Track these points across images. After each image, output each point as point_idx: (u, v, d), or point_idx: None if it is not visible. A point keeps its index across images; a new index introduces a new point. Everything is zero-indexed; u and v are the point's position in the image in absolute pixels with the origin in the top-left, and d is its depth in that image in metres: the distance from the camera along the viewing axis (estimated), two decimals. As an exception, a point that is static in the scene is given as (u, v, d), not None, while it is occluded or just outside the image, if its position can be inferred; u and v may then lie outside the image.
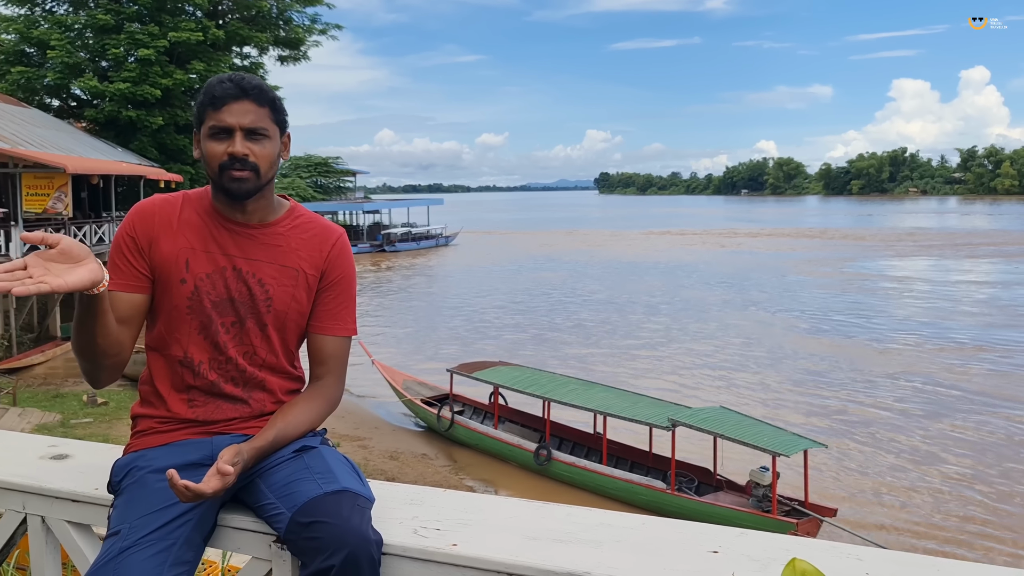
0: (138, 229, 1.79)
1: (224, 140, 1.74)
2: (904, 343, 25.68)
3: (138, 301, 1.78)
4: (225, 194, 1.77)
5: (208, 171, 1.78)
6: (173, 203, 1.83)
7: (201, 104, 1.76)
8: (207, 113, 1.74)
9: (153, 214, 1.81)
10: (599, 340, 26.98)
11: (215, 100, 1.73)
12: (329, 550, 1.52)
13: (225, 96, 1.73)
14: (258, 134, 1.75)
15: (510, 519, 1.73)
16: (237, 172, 1.73)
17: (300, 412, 1.81)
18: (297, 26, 41.58)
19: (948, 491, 14.01)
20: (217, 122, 1.73)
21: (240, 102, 1.73)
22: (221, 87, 1.73)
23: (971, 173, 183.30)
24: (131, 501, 1.66)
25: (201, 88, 1.79)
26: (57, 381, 20.47)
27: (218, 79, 1.76)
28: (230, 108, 1.73)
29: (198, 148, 1.81)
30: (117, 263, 1.79)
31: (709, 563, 1.52)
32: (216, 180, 1.77)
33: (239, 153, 1.73)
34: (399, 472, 14.34)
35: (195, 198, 1.85)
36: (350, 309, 1.91)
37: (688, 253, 58.16)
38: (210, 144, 1.75)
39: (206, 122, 1.75)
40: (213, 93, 1.73)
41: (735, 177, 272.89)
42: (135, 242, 1.79)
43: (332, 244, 1.88)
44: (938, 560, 1.53)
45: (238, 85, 1.74)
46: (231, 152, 1.73)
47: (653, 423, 13.51)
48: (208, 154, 1.75)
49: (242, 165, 1.73)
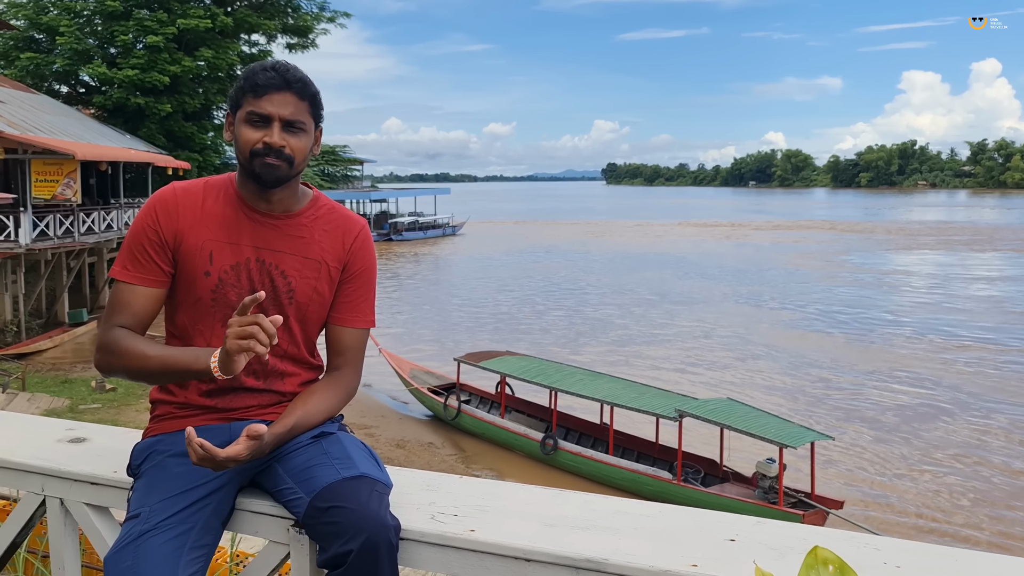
0: (162, 222, 1.77)
1: (261, 128, 1.73)
2: (912, 339, 25.63)
3: (160, 295, 1.78)
4: (255, 180, 1.76)
5: (239, 155, 1.77)
6: (195, 193, 1.80)
7: (240, 88, 1.74)
8: (246, 99, 1.73)
9: (177, 205, 1.78)
10: (604, 330, 26.98)
11: (257, 88, 1.72)
12: (348, 535, 1.52)
13: (268, 85, 1.72)
14: (295, 127, 1.75)
15: (527, 506, 1.73)
16: (272, 159, 1.73)
17: (319, 401, 1.80)
18: (305, 14, 41.54)
19: (955, 485, 14.00)
20: (257, 109, 1.72)
21: (282, 93, 1.73)
22: (265, 75, 1.72)
23: (981, 166, 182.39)
24: (151, 485, 1.67)
25: (242, 72, 1.78)
26: (65, 367, 20.58)
27: (261, 66, 1.75)
28: (271, 98, 1.72)
29: (230, 131, 1.79)
30: (138, 257, 1.76)
31: (727, 551, 1.52)
32: (246, 165, 1.75)
33: (276, 144, 1.72)
34: (406, 460, 14.39)
35: (218, 186, 1.82)
36: (369, 301, 1.90)
37: (694, 244, 58.07)
38: (246, 129, 1.74)
39: (244, 107, 1.74)
40: (256, 80, 1.72)
41: (743, 169, 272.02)
42: (159, 235, 1.76)
43: (355, 236, 1.87)
44: (956, 550, 1.53)
45: (283, 76, 1.73)
46: (268, 142, 1.72)
47: (660, 414, 13.52)
48: (242, 139, 1.74)
49: (277, 155, 1.73)
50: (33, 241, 22.85)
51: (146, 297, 1.76)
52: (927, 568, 1.46)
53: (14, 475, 1.99)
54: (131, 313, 1.76)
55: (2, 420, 2.39)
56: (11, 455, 2.00)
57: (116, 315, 1.76)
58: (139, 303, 1.76)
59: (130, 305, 1.76)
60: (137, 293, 1.76)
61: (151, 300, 1.77)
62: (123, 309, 1.76)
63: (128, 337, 1.73)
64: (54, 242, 23.71)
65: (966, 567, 1.46)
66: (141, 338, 1.74)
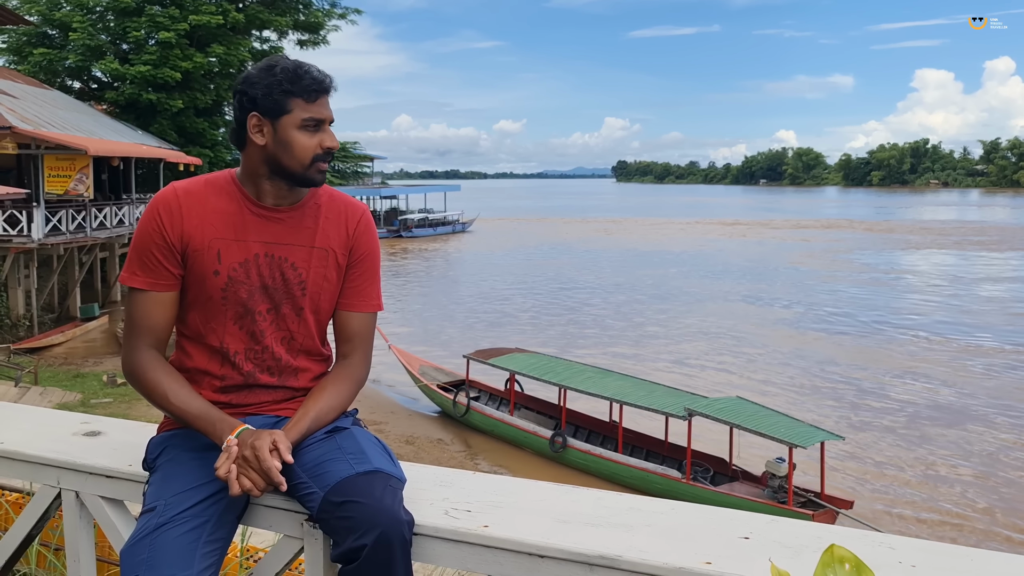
0: (167, 226, 1.76)
1: (315, 133, 1.75)
2: (923, 339, 25.52)
3: (174, 299, 1.79)
4: (306, 184, 1.79)
5: (291, 161, 1.75)
6: (197, 192, 1.79)
7: (286, 92, 1.72)
8: (295, 102, 1.73)
9: (180, 207, 1.77)
10: (614, 328, 26.96)
11: (310, 93, 1.73)
12: (361, 529, 1.53)
13: (321, 90, 1.75)
14: (332, 125, 1.80)
15: (540, 502, 1.73)
16: (325, 165, 1.78)
17: (330, 397, 1.80)
18: (317, 10, 41.59)
19: (967, 485, 13.94)
20: (314, 115, 1.74)
21: (326, 96, 1.77)
22: (313, 79, 1.74)
23: (994, 165, 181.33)
24: (167, 478, 1.68)
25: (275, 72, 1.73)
26: (77, 361, 20.69)
27: (303, 68, 1.74)
28: (322, 101, 1.76)
29: (261, 134, 1.75)
30: (147, 262, 1.76)
31: (741, 549, 1.52)
32: (301, 171, 1.76)
33: (336, 148, 1.78)
34: (415, 457, 14.41)
35: (219, 184, 1.81)
36: (375, 285, 1.91)
37: (704, 242, 57.93)
38: (301, 135, 1.74)
39: (295, 112, 1.73)
40: (308, 85, 1.73)
41: (754, 167, 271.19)
42: (165, 240, 1.75)
43: (358, 221, 1.88)
44: (971, 550, 1.52)
45: (324, 79, 1.76)
46: (328, 146, 1.76)
47: (669, 412, 13.50)
48: (300, 145, 1.74)
49: (331, 158, 1.78)
50: (46, 236, 22.97)
51: (162, 304, 1.77)
52: (942, 567, 1.45)
53: (30, 468, 2.00)
54: (150, 329, 1.77)
55: (17, 413, 2.40)
56: (27, 448, 2.02)
57: (138, 333, 1.78)
58: (156, 313, 1.77)
59: (149, 317, 1.77)
60: (152, 301, 1.76)
61: (167, 307, 1.78)
62: (143, 325, 1.77)
63: (153, 369, 1.76)
64: (66, 237, 23.83)
65: (981, 566, 1.45)
66: (167, 373, 1.76)
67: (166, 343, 1.80)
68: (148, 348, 1.77)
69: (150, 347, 1.77)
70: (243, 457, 1.61)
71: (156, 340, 1.78)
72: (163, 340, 1.80)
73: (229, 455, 1.61)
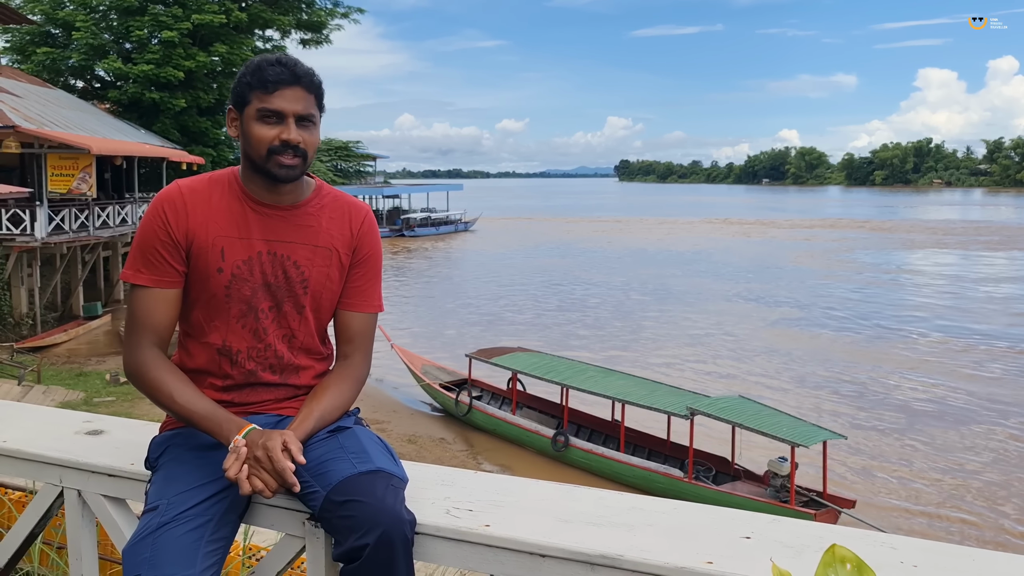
0: (172, 222, 1.75)
1: (275, 125, 1.73)
2: (927, 339, 25.49)
3: (177, 296, 1.79)
4: (270, 179, 1.76)
5: (252, 153, 1.75)
6: (200, 190, 1.79)
7: (247, 84, 1.73)
8: (255, 95, 1.73)
9: (184, 204, 1.77)
10: (616, 327, 26.95)
11: (267, 84, 1.71)
12: (363, 529, 1.53)
13: (279, 81, 1.71)
14: (308, 121, 1.75)
15: (542, 501, 1.73)
16: (288, 159, 1.73)
17: (332, 397, 1.80)
18: (319, 9, 41.63)
19: (970, 486, 13.92)
20: (269, 106, 1.72)
21: (293, 88, 1.73)
22: (274, 71, 1.72)
23: (997, 165, 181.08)
24: (169, 477, 1.68)
25: (247, 66, 1.76)
26: (80, 360, 20.71)
27: (267, 60, 1.74)
28: (283, 93, 1.72)
29: (234, 127, 1.78)
30: (151, 259, 1.76)
31: (742, 548, 1.52)
32: (261, 163, 1.75)
33: (294, 140, 1.72)
34: (417, 456, 14.42)
35: (223, 181, 1.82)
36: (376, 286, 1.91)
37: (707, 242, 57.88)
38: (258, 127, 1.73)
39: (253, 104, 1.73)
40: (265, 76, 1.71)
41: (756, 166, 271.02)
42: (170, 236, 1.75)
43: (361, 221, 1.88)
44: (973, 550, 1.52)
45: (292, 71, 1.72)
46: (285, 139, 1.72)
47: (671, 411, 13.49)
48: (255, 137, 1.73)
49: (294, 152, 1.73)
50: (49, 235, 23.01)
51: (165, 301, 1.77)
52: (944, 567, 1.45)
53: (32, 466, 2.01)
54: (153, 327, 1.76)
55: (20, 412, 2.40)
56: (29, 446, 2.02)
57: (140, 331, 1.76)
58: (160, 310, 1.76)
59: (152, 315, 1.76)
60: (155, 297, 1.76)
61: (170, 304, 1.77)
62: (145, 323, 1.76)
63: (157, 368, 1.75)
64: (69, 236, 23.87)
65: (984, 567, 1.45)
66: (170, 372, 1.75)
67: (168, 342, 1.80)
68: (151, 347, 1.76)
69: (153, 345, 1.77)
70: (255, 458, 1.60)
71: (159, 338, 1.77)
72: (166, 339, 1.79)
73: (238, 456, 1.60)
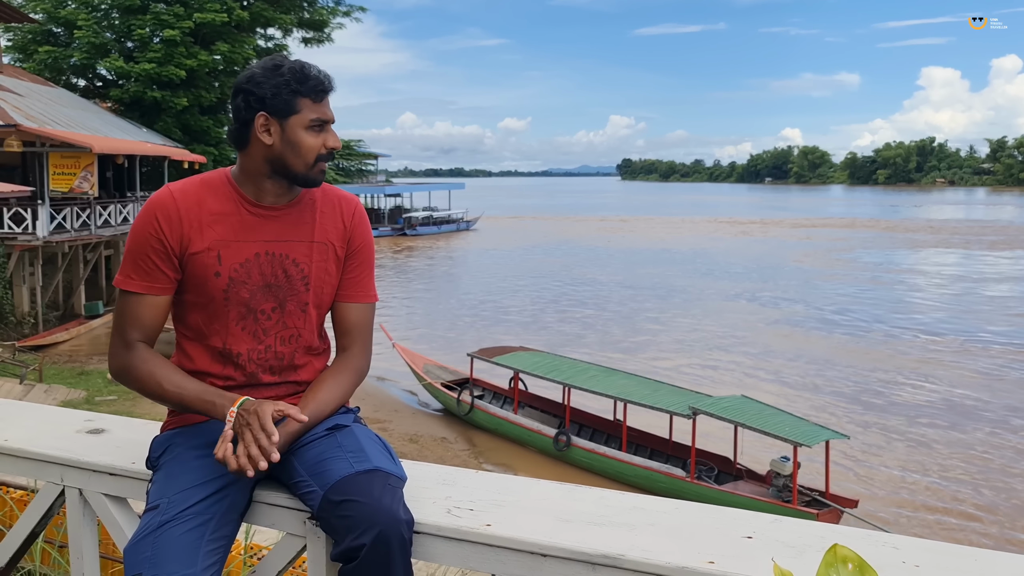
0: (165, 229, 1.74)
1: (320, 133, 1.77)
2: (930, 339, 25.47)
3: (168, 302, 1.79)
4: (307, 184, 1.80)
5: (295, 161, 1.76)
6: (193, 194, 1.78)
7: (294, 91, 1.73)
8: (303, 102, 1.74)
9: (177, 209, 1.75)
10: (618, 326, 26.94)
11: (318, 93, 1.75)
12: (360, 529, 1.53)
13: (326, 90, 1.77)
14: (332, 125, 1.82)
15: (543, 501, 1.73)
16: (325, 164, 1.79)
17: (330, 389, 1.81)
18: (321, 8, 41.62)
19: (973, 486, 13.91)
20: (320, 115, 1.76)
21: (327, 96, 1.79)
22: (320, 80, 1.76)
23: (1000, 164, 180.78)
24: (170, 476, 1.68)
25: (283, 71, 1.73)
26: (82, 359, 20.72)
27: (309, 68, 1.76)
28: (326, 102, 1.78)
29: (268, 134, 1.74)
30: (143, 266, 1.75)
31: (744, 548, 1.52)
32: (304, 171, 1.77)
33: (338, 147, 1.80)
34: (419, 455, 14.42)
35: (215, 184, 1.81)
36: (371, 276, 1.93)
37: (709, 241, 57.87)
38: (308, 136, 1.75)
39: (303, 112, 1.74)
40: (318, 86, 1.75)
41: (759, 165, 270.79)
42: (163, 243, 1.74)
43: (352, 213, 1.90)
44: (976, 550, 1.52)
45: (328, 80, 1.78)
46: (331, 146, 1.78)
47: (674, 411, 13.49)
48: (306, 145, 1.75)
49: (332, 158, 1.80)
50: (50, 234, 23.03)
51: (155, 307, 1.77)
52: (946, 567, 1.44)
53: (33, 465, 2.01)
54: (142, 326, 1.77)
55: (21, 411, 2.41)
56: (30, 445, 2.02)
57: (128, 328, 1.77)
58: (149, 314, 1.77)
59: (140, 317, 1.77)
60: (145, 303, 1.76)
61: (160, 309, 1.78)
62: (134, 321, 1.77)
63: (147, 361, 1.75)
64: (71, 235, 23.89)
65: (986, 567, 1.45)
66: (159, 363, 1.76)
67: (155, 342, 1.81)
68: (139, 344, 1.77)
69: (141, 342, 1.77)
70: (246, 423, 1.61)
71: (147, 337, 1.78)
72: (153, 339, 1.80)
73: (225, 438, 1.61)
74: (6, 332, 22.03)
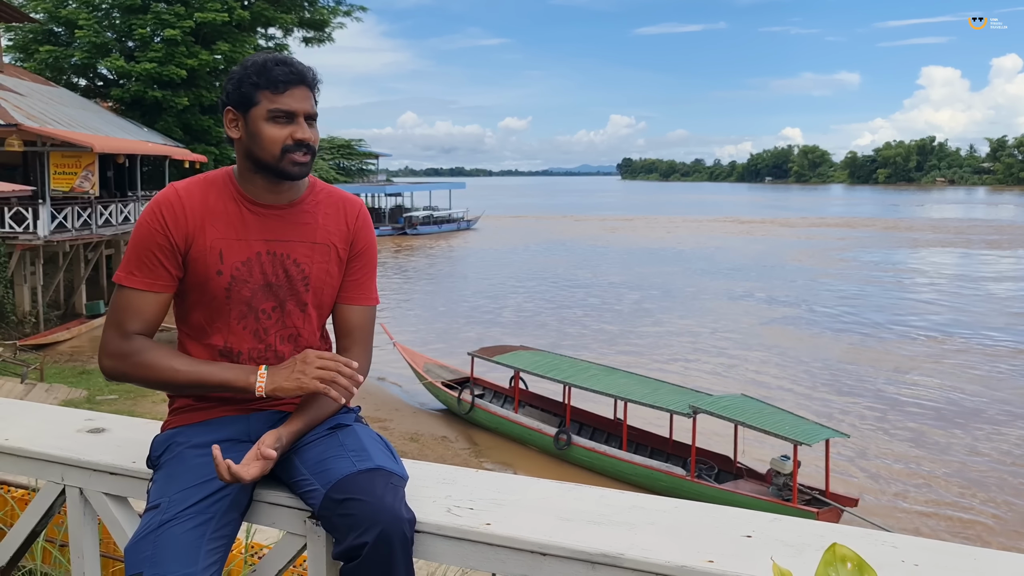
0: (171, 226, 1.75)
1: (286, 124, 1.75)
2: (932, 339, 25.45)
3: (168, 299, 1.79)
4: (282, 177, 1.77)
5: (262, 153, 1.75)
6: (196, 192, 1.79)
7: (253, 84, 1.74)
8: (262, 95, 1.74)
9: (183, 207, 1.76)
10: (619, 326, 26.93)
11: (276, 84, 1.73)
12: (362, 527, 1.53)
13: (289, 81, 1.74)
14: (313, 120, 1.79)
15: (543, 500, 1.73)
16: (300, 157, 1.76)
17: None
18: (322, 7, 41.59)
19: (973, 485, 13.90)
20: (281, 106, 1.74)
21: (300, 88, 1.75)
22: (282, 71, 1.74)
23: (1000, 163, 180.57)
24: (171, 476, 1.68)
25: (248, 66, 1.77)
26: (83, 358, 20.71)
27: (271, 60, 1.75)
28: (292, 93, 1.74)
29: (235, 128, 1.78)
30: (146, 263, 1.75)
31: (743, 547, 1.52)
32: (273, 163, 1.75)
33: (308, 139, 1.75)
34: (419, 454, 14.43)
35: (218, 183, 1.82)
36: (373, 278, 1.93)
37: (710, 240, 57.83)
38: (270, 127, 1.74)
39: (262, 104, 1.74)
40: (275, 77, 1.73)
41: (759, 164, 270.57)
42: (169, 241, 1.75)
43: (356, 215, 1.90)
44: (975, 549, 1.52)
45: (298, 71, 1.75)
46: (299, 138, 1.75)
47: (674, 410, 13.49)
48: (268, 137, 1.74)
49: (306, 150, 1.76)
50: (51, 233, 23.03)
51: (156, 303, 1.77)
52: (945, 567, 1.45)
53: (34, 464, 2.01)
54: (143, 319, 1.76)
55: (22, 410, 2.41)
56: (31, 444, 2.03)
57: (127, 321, 1.75)
58: (150, 309, 1.76)
59: (141, 311, 1.76)
60: (147, 300, 1.76)
61: (161, 305, 1.78)
62: (134, 315, 1.75)
63: (152, 350, 1.74)
64: (72, 234, 23.88)
65: (985, 566, 1.45)
66: (167, 350, 1.75)
67: (154, 335, 1.80)
68: (139, 334, 1.76)
69: (140, 333, 1.76)
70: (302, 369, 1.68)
71: (147, 331, 1.77)
72: (152, 334, 1.79)
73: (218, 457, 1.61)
74: (7, 331, 22.04)
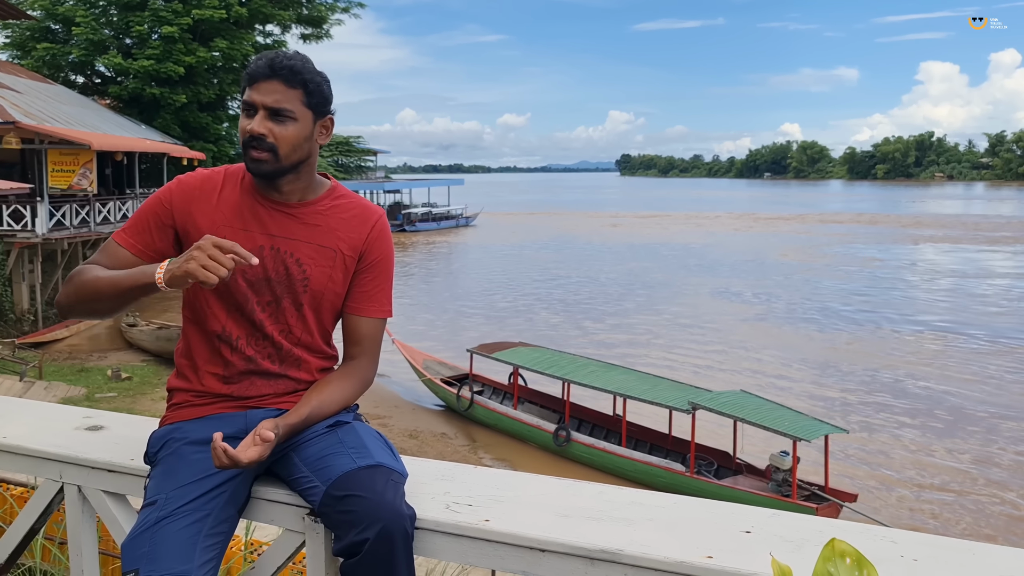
0: (175, 200, 1.80)
1: (249, 118, 1.75)
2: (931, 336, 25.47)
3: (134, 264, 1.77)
4: (250, 171, 1.79)
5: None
6: (214, 180, 1.83)
7: (244, 78, 1.77)
8: (245, 88, 1.77)
9: (195, 188, 1.81)
10: (617, 322, 26.94)
11: (249, 77, 1.75)
12: (363, 524, 1.53)
13: (256, 74, 1.74)
14: (282, 115, 1.74)
15: (541, 496, 1.73)
16: (255, 153, 1.74)
17: (334, 390, 1.81)
18: (320, 4, 41.52)
19: (972, 481, 13.92)
20: (247, 99, 1.75)
21: (269, 81, 1.73)
22: (255, 65, 1.75)
23: (999, 159, 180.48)
24: (168, 472, 1.68)
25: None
26: (82, 356, 20.71)
27: (259, 56, 1.76)
28: (259, 86, 1.73)
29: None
30: (140, 227, 1.80)
31: (742, 543, 1.52)
32: (244, 156, 1.78)
33: (256, 132, 1.73)
34: (419, 451, 14.44)
35: (236, 175, 1.84)
36: (386, 291, 1.90)
37: (710, 236, 57.81)
38: (241, 120, 1.77)
39: (243, 97, 1.77)
40: (250, 70, 1.75)
41: (758, 160, 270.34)
42: (169, 213, 1.79)
43: (372, 225, 1.87)
44: (973, 544, 1.52)
45: (270, 64, 1.73)
46: (249, 130, 1.74)
47: (673, 406, 13.49)
48: (239, 129, 1.79)
49: (258, 144, 1.73)
50: (50, 231, 23.02)
51: (126, 261, 1.78)
52: (944, 561, 1.45)
53: (32, 462, 2.01)
54: (106, 262, 1.77)
55: (20, 408, 2.41)
56: (29, 442, 2.03)
57: (95, 257, 1.79)
58: (122, 262, 1.77)
59: (113, 257, 1.78)
60: (120, 253, 1.78)
61: (126, 264, 1.77)
62: (102, 257, 1.78)
63: (91, 271, 1.74)
64: (70, 232, 23.88)
65: (984, 560, 1.45)
66: (100, 268, 1.75)
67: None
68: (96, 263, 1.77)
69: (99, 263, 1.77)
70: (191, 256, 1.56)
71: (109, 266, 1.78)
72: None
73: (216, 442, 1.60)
74: (6, 329, 22.03)
